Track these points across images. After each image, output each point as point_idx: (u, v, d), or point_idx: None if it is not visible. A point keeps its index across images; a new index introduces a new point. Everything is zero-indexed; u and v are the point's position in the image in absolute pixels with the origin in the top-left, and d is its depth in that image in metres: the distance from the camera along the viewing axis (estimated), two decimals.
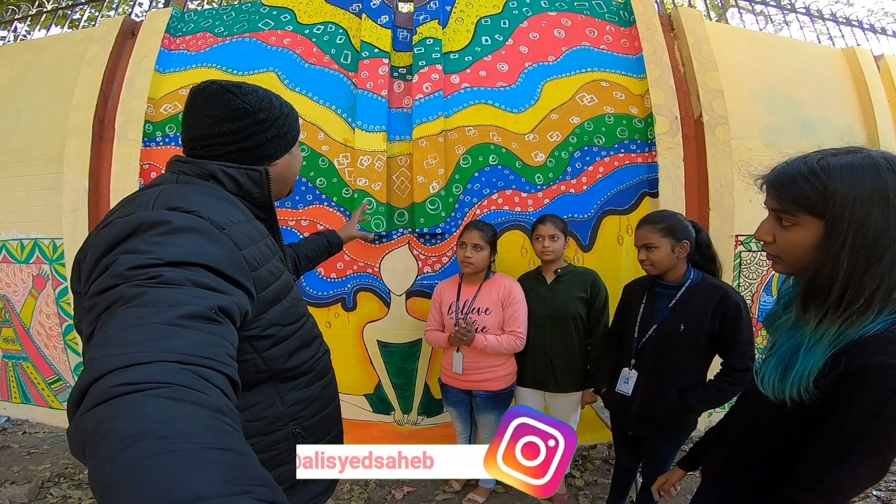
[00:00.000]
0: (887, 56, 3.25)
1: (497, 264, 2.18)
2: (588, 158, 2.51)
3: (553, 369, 2.00)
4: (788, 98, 2.85)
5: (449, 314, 2.04)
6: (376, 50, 2.55)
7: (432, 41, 2.55)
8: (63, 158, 2.70)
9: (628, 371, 1.66)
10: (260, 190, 0.87)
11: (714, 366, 1.61)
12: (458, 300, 2.04)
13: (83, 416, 0.41)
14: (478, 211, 2.47)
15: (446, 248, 2.47)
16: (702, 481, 1.10)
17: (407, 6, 2.78)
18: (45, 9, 3.61)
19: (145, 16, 2.98)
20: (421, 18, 2.61)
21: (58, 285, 2.85)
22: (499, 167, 2.48)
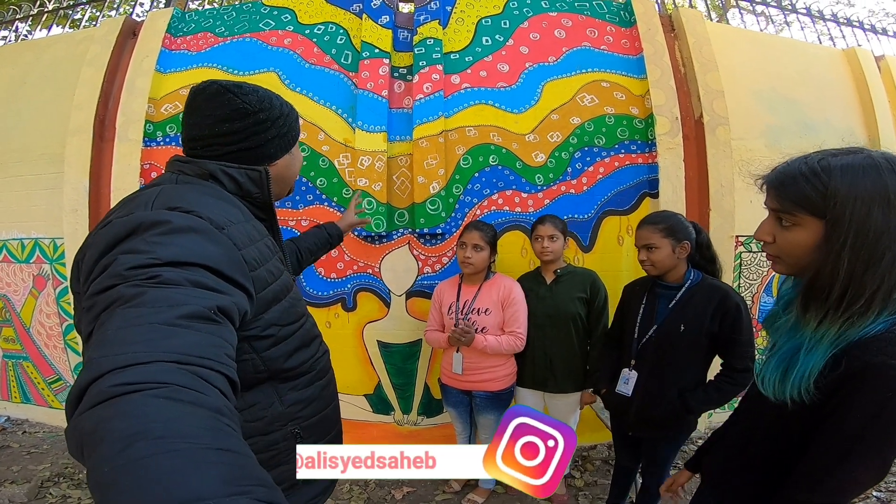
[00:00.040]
0: (888, 57, 3.24)
1: (497, 265, 2.18)
2: (588, 159, 2.51)
3: (552, 370, 2.00)
4: (789, 99, 2.85)
5: (449, 314, 2.04)
6: (377, 50, 2.55)
7: (433, 41, 2.55)
8: (64, 158, 2.70)
9: (628, 372, 1.66)
10: (260, 190, 0.87)
11: (714, 366, 1.61)
12: (458, 300, 2.03)
13: (81, 416, 0.41)
14: (478, 211, 2.47)
15: (446, 249, 2.47)
16: (702, 482, 1.10)
17: (407, 6, 2.78)
18: (47, 9, 3.61)
19: (146, 16, 2.98)
20: (421, 19, 2.61)
21: (58, 285, 2.85)
22: (499, 167, 2.48)
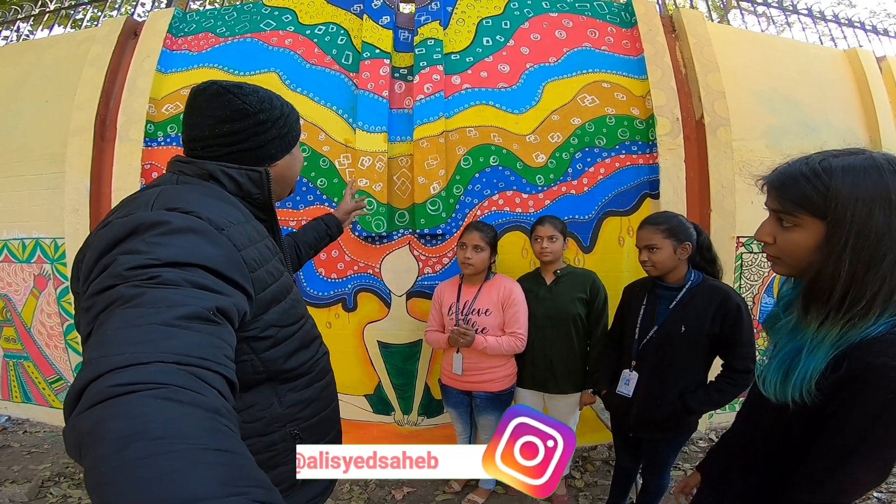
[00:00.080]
0: (889, 57, 3.24)
1: (497, 265, 2.17)
2: (589, 159, 2.51)
3: (552, 370, 2.00)
4: (790, 99, 2.85)
5: (449, 315, 2.04)
6: (377, 51, 2.55)
7: (433, 42, 2.55)
8: (65, 158, 2.70)
9: (629, 373, 1.65)
10: (260, 191, 0.87)
11: (715, 367, 1.61)
12: (459, 301, 2.03)
13: (80, 416, 0.41)
14: (478, 212, 2.47)
15: (447, 249, 2.47)
16: (702, 483, 1.10)
17: (408, 7, 2.78)
18: (48, 9, 3.62)
19: (147, 16, 2.98)
20: (422, 19, 2.61)
21: (59, 285, 2.85)
22: (499, 168, 2.48)
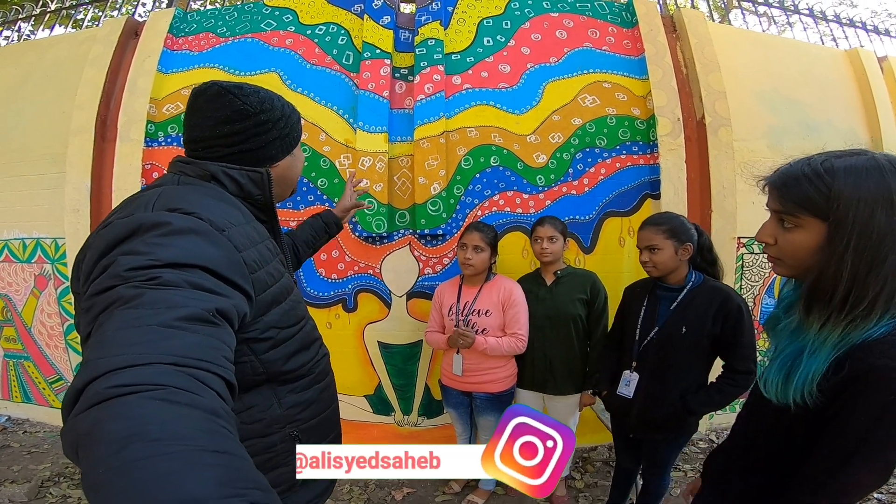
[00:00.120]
0: (891, 57, 3.23)
1: (498, 266, 2.17)
2: (590, 160, 2.51)
3: (552, 371, 1.99)
4: (791, 99, 2.84)
5: (449, 316, 2.04)
6: (378, 51, 2.55)
7: (434, 42, 2.55)
8: (66, 158, 2.70)
9: (629, 374, 1.65)
10: (261, 191, 0.87)
11: (716, 368, 1.60)
12: (459, 302, 2.03)
13: (77, 417, 0.40)
14: (479, 212, 2.47)
15: (447, 250, 2.47)
16: (703, 484, 1.10)
17: (409, 7, 2.78)
18: (49, 9, 3.63)
19: (148, 16, 2.98)
20: (423, 19, 2.61)
21: (59, 285, 2.86)
22: (500, 168, 2.47)
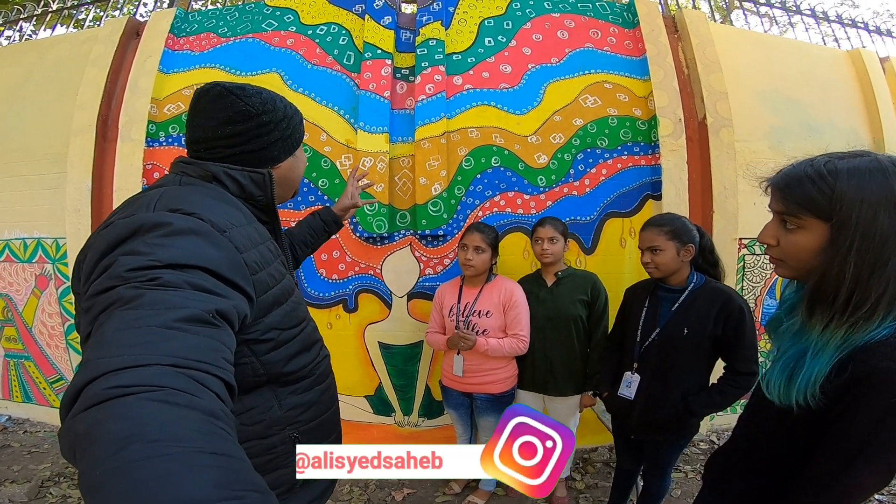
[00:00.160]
0: (893, 58, 3.22)
1: (499, 267, 2.17)
2: (591, 160, 2.50)
3: (553, 372, 1.99)
4: (793, 100, 2.84)
5: (450, 316, 2.04)
6: (379, 51, 2.55)
7: (435, 42, 2.55)
8: (67, 158, 2.70)
9: (631, 375, 1.65)
10: (263, 192, 0.87)
11: (717, 370, 1.60)
12: (459, 302, 2.03)
13: (76, 418, 0.40)
14: (480, 213, 2.46)
15: (448, 250, 2.46)
16: (703, 485, 1.09)
17: (410, 7, 2.78)
18: (51, 8, 3.63)
19: (150, 16, 2.99)
20: (424, 19, 2.61)
21: (60, 285, 2.86)
22: (501, 169, 2.47)
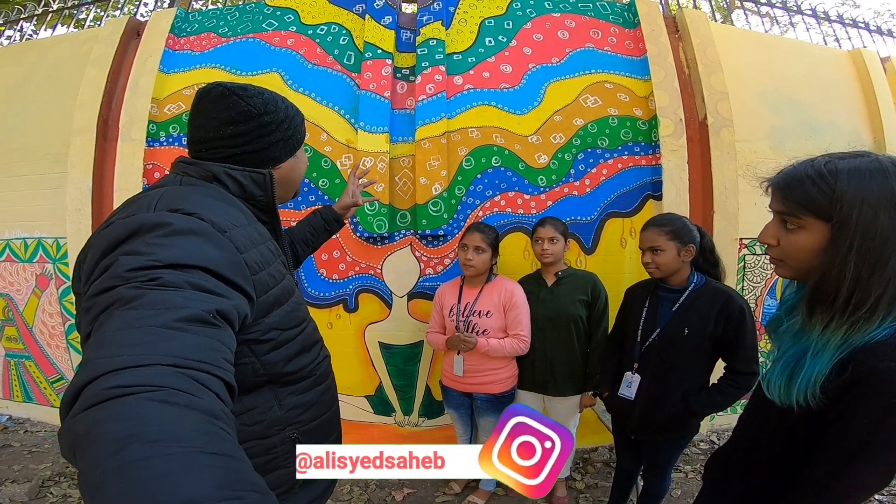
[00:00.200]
0: (894, 58, 3.22)
1: (499, 267, 2.17)
2: (591, 160, 2.50)
3: (553, 372, 1.99)
4: (794, 100, 2.83)
5: (450, 317, 2.04)
6: (379, 51, 2.55)
7: (435, 42, 2.55)
8: (67, 158, 2.70)
9: (631, 375, 1.65)
10: (263, 193, 0.87)
11: (717, 370, 1.60)
12: (460, 302, 2.03)
13: (76, 418, 0.40)
14: (480, 213, 2.46)
15: (448, 250, 2.46)
16: (703, 486, 1.09)
17: (410, 7, 2.77)
18: (51, 8, 3.63)
19: (150, 16, 2.99)
20: (424, 19, 2.61)
21: (61, 285, 2.86)
22: (501, 169, 2.47)
